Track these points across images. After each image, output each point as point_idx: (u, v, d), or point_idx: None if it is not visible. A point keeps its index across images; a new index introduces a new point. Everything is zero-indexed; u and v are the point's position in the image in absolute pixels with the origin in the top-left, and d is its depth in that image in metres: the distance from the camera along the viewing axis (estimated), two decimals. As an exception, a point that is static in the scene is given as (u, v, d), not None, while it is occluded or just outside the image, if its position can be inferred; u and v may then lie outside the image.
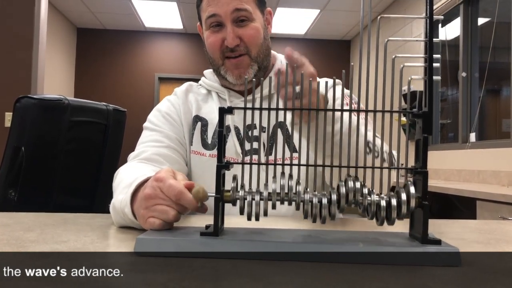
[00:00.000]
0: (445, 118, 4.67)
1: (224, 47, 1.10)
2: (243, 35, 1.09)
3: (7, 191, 1.56)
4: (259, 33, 1.11)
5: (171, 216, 0.70)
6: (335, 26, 6.56)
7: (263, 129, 1.09)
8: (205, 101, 1.21)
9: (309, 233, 0.74)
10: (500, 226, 1.04)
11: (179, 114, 1.18)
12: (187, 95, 1.22)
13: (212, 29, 1.11)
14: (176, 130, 1.16)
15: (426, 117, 0.64)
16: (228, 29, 1.08)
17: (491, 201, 2.43)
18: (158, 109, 1.20)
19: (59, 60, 6.40)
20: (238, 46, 1.09)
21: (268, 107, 0.68)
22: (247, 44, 1.10)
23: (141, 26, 6.82)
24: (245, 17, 1.09)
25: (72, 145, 1.66)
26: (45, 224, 0.88)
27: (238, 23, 1.09)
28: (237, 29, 1.09)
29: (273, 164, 0.70)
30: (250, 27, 1.10)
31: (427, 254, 0.61)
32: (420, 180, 0.64)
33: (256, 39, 1.11)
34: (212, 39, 1.11)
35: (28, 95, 1.59)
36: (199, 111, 1.19)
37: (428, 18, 0.64)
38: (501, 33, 3.75)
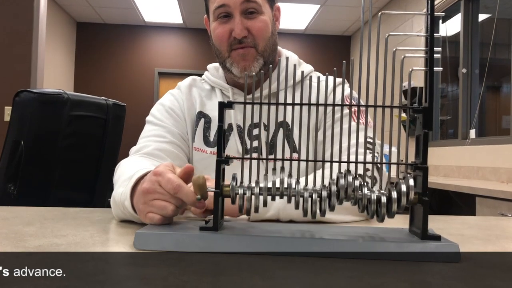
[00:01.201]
0: (445, 114, 4.67)
1: (231, 38, 1.08)
2: (252, 27, 1.08)
3: (7, 185, 1.56)
4: (267, 26, 1.10)
5: (170, 211, 0.70)
6: (335, 22, 6.54)
7: (265, 127, 1.09)
8: (209, 98, 1.20)
9: (309, 228, 0.74)
10: (499, 222, 1.04)
11: (183, 109, 1.18)
12: (190, 90, 1.21)
13: (220, 20, 1.09)
14: (179, 125, 1.16)
15: (426, 113, 0.64)
16: (237, 20, 1.06)
17: (490, 198, 2.44)
18: (161, 103, 1.20)
19: (59, 54, 6.39)
20: (246, 38, 1.08)
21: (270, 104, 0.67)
22: (255, 36, 1.08)
23: (141, 21, 6.80)
24: (254, 9, 1.07)
25: (71, 139, 1.66)
26: (45, 218, 0.88)
27: (247, 15, 1.07)
28: (245, 20, 1.07)
29: (272, 159, 0.70)
30: (259, 19, 1.08)
31: (427, 250, 0.61)
32: (420, 176, 0.64)
33: (264, 32, 1.09)
34: (219, 30, 1.09)
35: (28, 89, 1.58)
36: (203, 108, 1.18)
37: (429, 14, 0.64)
38: (502, 30, 3.74)
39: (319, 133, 1.08)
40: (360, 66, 0.64)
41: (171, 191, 0.70)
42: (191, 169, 0.73)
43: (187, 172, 0.73)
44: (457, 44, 4.24)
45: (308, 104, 0.69)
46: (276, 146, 1.09)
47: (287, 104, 0.68)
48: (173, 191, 0.70)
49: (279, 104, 0.69)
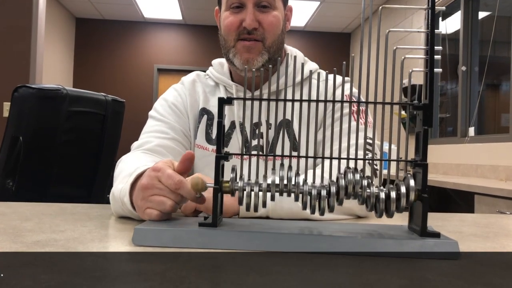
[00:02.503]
0: (444, 112, 4.67)
1: (241, 28, 1.07)
2: (263, 21, 1.07)
3: (5, 181, 1.55)
4: (279, 22, 1.10)
5: (168, 206, 0.70)
6: (335, 19, 6.53)
7: (269, 126, 1.08)
8: (212, 94, 1.19)
9: (307, 224, 0.74)
10: (498, 220, 1.04)
11: (185, 105, 1.17)
12: (194, 86, 1.20)
13: (232, 10, 1.08)
14: (181, 121, 1.15)
15: (426, 109, 0.64)
16: (249, 10, 1.06)
17: (489, 196, 2.44)
18: (164, 99, 1.19)
19: (58, 50, 6.37)
20: (256, 30, 1.07)
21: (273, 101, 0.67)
22: (265, 30, 1.08)
23: (140, 17, 6.78)
24: (268, 3, 1.07)
25: (70, 135, 1.65)
26: (43, 213, 0.88)
27: (260, 8, 1.07)
28: (257, 13, 1.07)
29: (272, 155, 0.70)
30: (272, 14, 1.08)
31: (426, 247, 0.61)
32: (420, 173, 0.64)
33: (275, 28, 1.09)
34: (230, 19, 1.08)
35: (26, 85, 1.58)
36: (206, 104, 1.17)
37: (430, 9, 0.64)
38: (502, 27, 3.74)
39: (319, 132, 1.07)
40: (361, 63, 0.64)
41: (172, 186, 0.69)
42: (191, 155, 0.73)
43: (188, 158, 0.73)
44: (457, 42, 4.24)
45: (308, 100, 0.69)
46: (276, 145, 1.09)
47: (287, 100, 0.68)
48: (174, 186, 0.69)
49: (279, 101, 0.69)
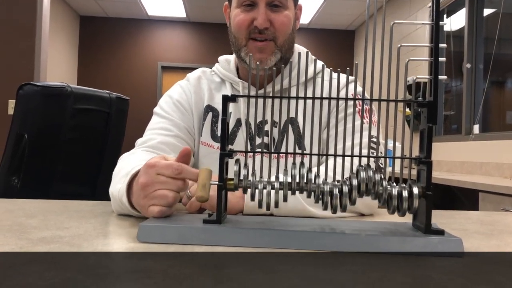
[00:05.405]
0: (448, 109, 4.65)
1: (252, 27, 1.07)
2: (275, 20, 1.07)
3: (10, 178, 1.56)
4: (290, 22, 1.09)
5: (171, 199, 0.70)
6: (339, 16, 6.52)
7: (274, 124, 1.08)
8: (218, 90, 1.18)
9: (311, 222, 0.74)
10: (502, 217, 1.03)
11: (190, 102, 1.16)
12: (199, 82, 1.19)
13: (243, 7, 1.08)
14: (186, 119, 1.15)
15: (431, 107, 0.64)
16: (261, 9, 1.06)
17: (493, 193, 2.43)
18: (169, 95, 1.18)
19: (62, 48, 6.39)
20: (267, 30, 1.07)
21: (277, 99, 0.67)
22: (276, 29, 1.07)
23: (144, 14, 6.79)
24: (280, 2, 1.07)
25: (75, 133, 1.66)
26: (48, 210, 0.89)
27: (272, 7, 1.07)
28: (269, 12, 1.06)
29: (276, 152, 0.70)
30: (284, 14, 1.08)
31: (430, 244, 0.61)
32: (424, 170, 0.63)
33: (286, 28, 1.09)
34: (241, 17, 1.08)
35: (31, 82, 1.58)
36: (211, 101, 1.17)
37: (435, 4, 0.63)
38: (507, 24, 3.71)
39: (324, 131, 1.07)
40: (365, 60, 0.64)
41: (174, 173, 0.70)
42: (188, 151, 0.73)
43: (185, 154, 0.73)
44: (462, 39, 4.22)
45: (312, 98, 0.69)
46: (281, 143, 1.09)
47: (291, 97, 0.68)
48: (176, 172, 0.69)
49: (283, 98, 0.69)
